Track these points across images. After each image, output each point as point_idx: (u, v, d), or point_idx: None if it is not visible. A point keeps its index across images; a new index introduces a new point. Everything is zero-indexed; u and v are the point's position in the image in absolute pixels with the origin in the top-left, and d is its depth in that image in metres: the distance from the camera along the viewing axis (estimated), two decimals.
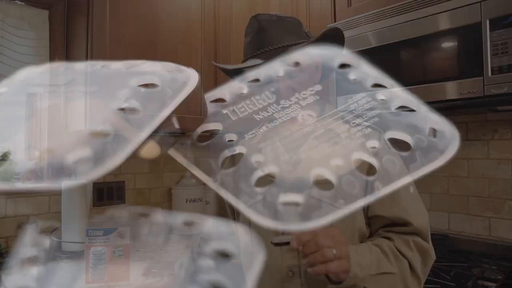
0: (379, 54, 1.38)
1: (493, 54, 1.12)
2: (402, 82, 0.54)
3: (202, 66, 1.75)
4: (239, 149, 0.48)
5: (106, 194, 1.84)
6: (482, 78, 1.14)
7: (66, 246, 1.36)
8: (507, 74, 1.09)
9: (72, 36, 1.61)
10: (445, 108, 1.27)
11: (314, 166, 0.49)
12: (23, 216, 1.58)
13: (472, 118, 1.57)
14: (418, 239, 0.79)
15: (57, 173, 0.34)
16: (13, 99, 0.44)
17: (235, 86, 0.58)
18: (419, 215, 0.81)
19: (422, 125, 0.49)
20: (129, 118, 0.38)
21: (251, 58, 0.87)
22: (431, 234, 0.82)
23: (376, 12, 1.40)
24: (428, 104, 0.59)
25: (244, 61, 0.90)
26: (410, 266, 0.76)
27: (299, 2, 1.73)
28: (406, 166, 0.58)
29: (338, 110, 0.54)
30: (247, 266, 0.41)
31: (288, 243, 0.68)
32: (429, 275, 0.82)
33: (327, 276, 0.70)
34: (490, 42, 1.12)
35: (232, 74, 0.88)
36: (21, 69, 0.49)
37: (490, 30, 1.12)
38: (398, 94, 0.53)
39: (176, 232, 1.23)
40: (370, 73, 0.56)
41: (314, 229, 0.56)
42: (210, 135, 0.55)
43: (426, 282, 0.81)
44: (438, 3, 1.24)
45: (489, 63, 1.12)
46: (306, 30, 0.92)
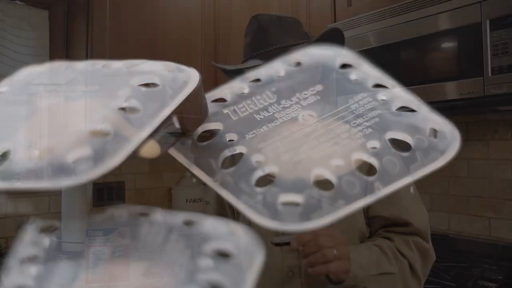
0: (379, 54, 1.38)
1: (493, 54, 1.12)
2: (402, 82, 0.54)
3: (202, 66, 1.75)
4: (239, 149, 0.48)
5: (106, 194, 1.84)
6: (482, 78, 1.14)
7: (66, 246, 1.36)
8: (507, 74, 1.09)
9: (72, 36, 1.61)
10: (445, 108, 1.27)
11: (314, 166, 0.49)
12: (23, 216, 1.58)
13: (472, 118, 1.56)
14: (418, 239, 0.79)
15: (57, 172, 0.34)
16: (13, 99, 0.44)
17: (236, 86, 0.58)
18: (419, 216, 0.81)
19: (423, 125, 0.49)
20: (129, 118, 0.38)
21: (251, 58, 0.87)
22: (431, 234, 0.82)
23: (376, 12, 1.40)
24: (428, 104, 0.59)
25: (244, 61, 0.90)
26: (410, 266, 0.76)
27: (299, 2, 1.73)
28: (407, 166, 0.58)
29: (339, 110, 0.54)
30: (247, 266, 0.41)
31: (288, 243, 0.68)
32: (429, 275, 0.82)
33: (328, 276, 0.70)
34: (490, 42, 1.12)
35: (232, 74, 0.88)
36: (21, 69, 0.49)
37: (490, 30, 1.12)
38: (399, 94, 0.53)
39: (176, 232, 1.23)
40: (371, 73, 0.56)
41: (315, 229, 0.56)
42: (210, 135, 0.55)
43: (426, 282, 0.81)
44: (438, 3, 1.24)
45: (489, 63, 1.12)
46: (306, 31, 0.92)
